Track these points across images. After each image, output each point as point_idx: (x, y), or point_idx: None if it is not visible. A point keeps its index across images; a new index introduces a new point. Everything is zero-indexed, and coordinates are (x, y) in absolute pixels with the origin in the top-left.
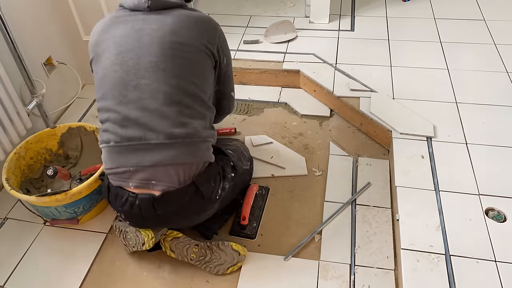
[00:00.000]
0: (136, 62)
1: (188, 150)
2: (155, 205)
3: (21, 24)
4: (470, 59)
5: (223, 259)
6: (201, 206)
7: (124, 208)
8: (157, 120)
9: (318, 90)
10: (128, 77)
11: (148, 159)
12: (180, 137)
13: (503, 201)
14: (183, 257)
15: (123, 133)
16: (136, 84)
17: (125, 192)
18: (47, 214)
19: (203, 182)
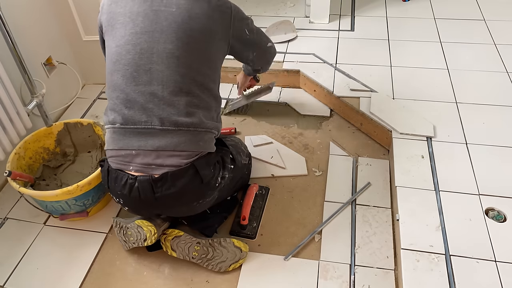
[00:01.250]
0: (151, 46)
1: (191, 139)
2: (154, 187)
3: (21, 24)
4: (470, 59)
5: (225, 256)
6: (200, 191)
7: (123, 192)
8: (164, 107)
9: (318, 90)
10: (141, 60)
11: (151, 143)
12: (185, 126)
13: (503, 201)
14: (184, 256)
15: (129, 115)
16: (149, 68)
17: (124, 175)
18: (56, 210)
19: (202, 166)
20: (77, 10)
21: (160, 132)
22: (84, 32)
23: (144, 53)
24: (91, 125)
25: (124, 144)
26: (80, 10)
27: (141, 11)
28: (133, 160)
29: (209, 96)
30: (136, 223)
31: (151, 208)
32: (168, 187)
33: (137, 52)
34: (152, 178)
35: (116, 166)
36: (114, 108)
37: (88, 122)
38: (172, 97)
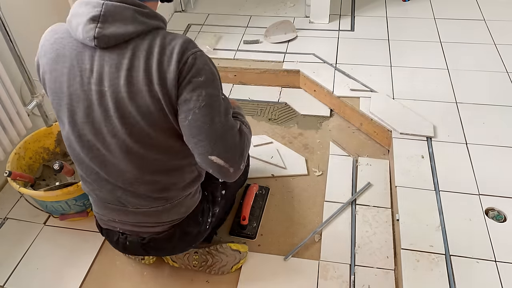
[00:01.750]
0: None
1: (171, 210)
2: (145, 248)
3: (21, 24)
4: (470, 59)
5: (225, 261)
6: (191, 240)
7: (118, 247)
8: (132, 199)
9: (318, 90)
10: (92, 163)
11: (131, 218)
12: (160, 205)
13: (503, 201)
14: (186, 265)
15: (101, 195)
16: (103, 160)
17: (115, 233)
18: (56, 210)
19: (189, 224)
20: None
21: (137, 211)
22: None
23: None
24: None
25: (106, 213)
26: None
27: (67, 79)
28: (118, 225)
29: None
30: None
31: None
32: (157, 247)
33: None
34: (141, 241)
35: (103, 226)
36: (85, 184)
37: None
38: (139, 190)
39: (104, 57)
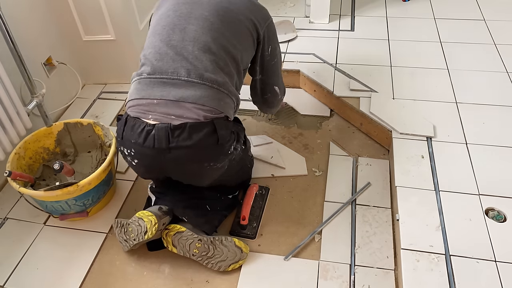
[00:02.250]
0: (189, 11)
1: (213, 96)
2: (171, 136)
3: (21, 24)
4: (470, 59)
5: (225, 255)
6: (214, 151)
7: (138, 140)
8: (193, 61)
9: (318, 90)
10: (179, 21)
11: (173, 93)
12: (209, 81)
13: (503, 201)
14: (185, 252)
15: (158, 66)
16: (184, 28)
17: (142, 122)
18: (56, 210)
19: (221, 126)
20: (77, 10)
21: (185, 84)
22: (84, 32)
23: (182, 16)
24: (91, 125)
25: (147, 93)
26: (80, 10)
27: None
28: (154, 109)
29: (234, 67)
30: (137, 216)
31: (161, 161)
32: (184, 138)
33: (176, 15)
34: (170, 126)
35: (135, 114)
36: (144, 62)
37: (88, 122)
38: (201, 53)
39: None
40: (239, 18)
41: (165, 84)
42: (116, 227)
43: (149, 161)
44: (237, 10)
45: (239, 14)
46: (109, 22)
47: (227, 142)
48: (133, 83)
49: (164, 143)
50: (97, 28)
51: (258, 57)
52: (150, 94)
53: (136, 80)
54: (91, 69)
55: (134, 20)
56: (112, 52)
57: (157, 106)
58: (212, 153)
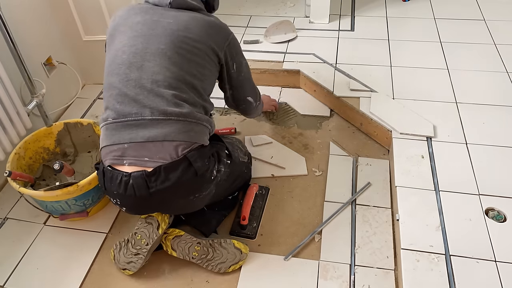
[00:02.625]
0: (145, 46)
1: (181, 129)
2: (148, 182)
3: (21, 24)
4: (470, 59)
5: (225, 257)
6: (195, 184)
7: (119, 191)
8: (153, 98)
9: (318, 90)
10: (135, 59)
11: (141, 135)
12: (174, 115)
13: (503, 201)
14: (184, 255)
15: (121, 109)
16: (141, 65)
17: (119, 173)
18: (56, 210)
19: (195, 159)
20: (77, 10)
21: (150, 123)
22: (84, 32)
23: (138, 53)
24: (91, 125)
25: (116, 138)
26: (80, 10)
27: (141, 20)
28: (126, 154)
29: (198, 97)
30: (143, 217)
31: (147, 204)
32: (162, 181)
33: (131, 52)
34: (145, 173)
35: (110, 162)
36: (108, 106)
37: (88, 122)
38: (161, 90)
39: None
40: (197, 47)
41: (131, 126)
42: (118, 250)
43: (135, 207)
44: (194, 37)
45: (197, 42)
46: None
47: (206, 171)
48: (101, 129)
49: (144, 190)
50: (97, 28)
51: (224, 76)
52: (119, 138)
53: (103, 126)
54: (91, 69)
55: None
56: None
57: (128, 150)
58: (194, 185)
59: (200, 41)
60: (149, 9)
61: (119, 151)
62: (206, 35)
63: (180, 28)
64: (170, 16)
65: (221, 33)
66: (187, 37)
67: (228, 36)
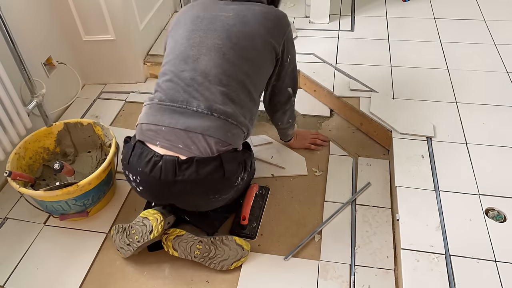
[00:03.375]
0: (202, 40)
1: (221, 127)
2: (178, 169)
3: (21, 24)
4: (470, 59)
5: (227, 254)
6: (220, 185)
7: (145, 169)
8: (203, 92)
9: (318, 90)
10: (192, 51)
11: (181, 122)
12: (217, 113)
13: (503, 201)
14: (186, 255)
15: (169, 94)
16: (197, 58)
17: (150, 152)
18: (56, 210)
19: (228, 160)
20: (77, 10)
21: (193, 114)
22: (84, 32)
23: (195, 46)
24: (91, 125)
25: (156, 119)
26: (80, 10)
27: (200, 15)
28: (162, 135)
29: (246, 96)
30: (141, 216)
31: (166, 192)
32: (191, 173)
33: (189, 45)
34: (178, 160)
35: (142, 138)
36: (157, 89)
37: (88, 122)
38: (211, 85)
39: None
40: (254, 44)
41: (175, 112)
42: (116, 233)
43: (154, 190)
44: (252, 32)
45: (255, 38)
46: (109, 22)
47: (233, 175)
48: (144, 107)
49: (171, 176)
50: (97, 28)
51: (276, 70)
52: (159, 120)
53: (147, 104)
54: (91, 69)
55: (134, 20)
56: (112, 52)
57: (165, 133)
58: (218, 186)
59: (259, 35)
60: (211, 3)
61: (155, 132)
62: (264, 29)
63: (237, 23)
64: (229, 10)
65: (279, 25)
66: (244, 32)
67: (287, 28)
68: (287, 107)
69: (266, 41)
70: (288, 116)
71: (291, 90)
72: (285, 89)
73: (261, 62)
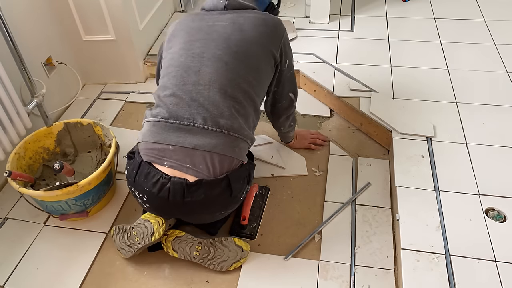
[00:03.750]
0: (202, 51)
1: (229, 144)
2: (186, 191)
3: (21, 24)
4: (470, 59)
5: (226, 255)
6: (227, 202)
7: (152, 190)
8: (208, 107)
9: (318, 90)
10: (192, 63)
11: (189, 141)
12: (225, 129)
13: (503, 201)
14: (186, 256)
15: (174, 110)
16: (198, 70)
17: (157, 172)
18: (56, 210)
19: (235, 179)
20: (77, 10)
21: (201, 131)
22: (84, 32)
23: (195, 57)
24: (91, 125)
25: (162, 138)
26: (80, 10)
27: (197, 26)
28: (169, 155)
29: (250, 106)
30: (142, 218)
31: (174, 210)
32: (199, 194)
33: (189, 56)
34: (187, 182)
35: (149, 159)
36: (159, 104)
37: (88, 122)
38: (217, 98)
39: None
40: (254, 51)
41: (181, 130)
42: (116, 233)
43: (162, 209)
44: (250, 39)
45: (253, 45)
46: (109, 22)
47: (239, 192)
48: (146, 124)
49: (179, 197)
50: (97, 28)
51: (276, 76)
52: (166, 139)
53: (150, 121)
54: (91, 69)
55: (134, 20)
56: (112, 52)
57: (172, 152)
58: (225, 204)
59: (257, 42)
60: (205, 15)
61: (162, 151)
62: (262, 35)
63: (235, 31)
64: (225, 19)
65: (276, 32)
66: (243, 40)
67: (283, 33)
68: (290, 112)
69: (265, 48)
70: (291, 120)
71: (293, 95)
72: (286, 94)
73: (262, 70)
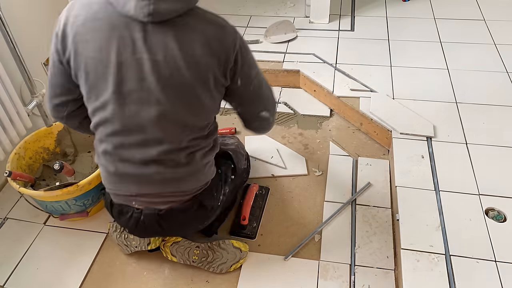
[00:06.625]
0: (138, 110)
1: (191, 180)
2: (160, 221)
3: (21, 24)
4: (470, 59)
5: (225, 258)
6: (204, 216)
7: (129, 225)
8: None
9: (318, 90)
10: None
11: (151, 189)
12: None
13: (503, 201)
14: (185, 260)
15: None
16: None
17: (129, 208)
18: (56, 210)
19: (206, 196)
20: None
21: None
22: None
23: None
24: None
25: (121, 188)
26: None
27: (123, 60)
28: (135, 199)
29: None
30: None
31: (158, 235)
32: (174, 220)
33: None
34: (158, 213)
35: (118, 201)
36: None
37: None
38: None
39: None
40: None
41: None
42: (114, 230)
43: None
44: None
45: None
46: None
47: (215, 201)
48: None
49: (156, 226)
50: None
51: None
52: (125, 190)
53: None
54: None
55: None
56: None
57: (137, 197)
58: (203, 218)
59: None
60: (119, 25)
61: (126, 197)
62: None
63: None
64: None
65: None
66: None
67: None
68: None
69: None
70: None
71: (266, 112)
72: (256, 114)
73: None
